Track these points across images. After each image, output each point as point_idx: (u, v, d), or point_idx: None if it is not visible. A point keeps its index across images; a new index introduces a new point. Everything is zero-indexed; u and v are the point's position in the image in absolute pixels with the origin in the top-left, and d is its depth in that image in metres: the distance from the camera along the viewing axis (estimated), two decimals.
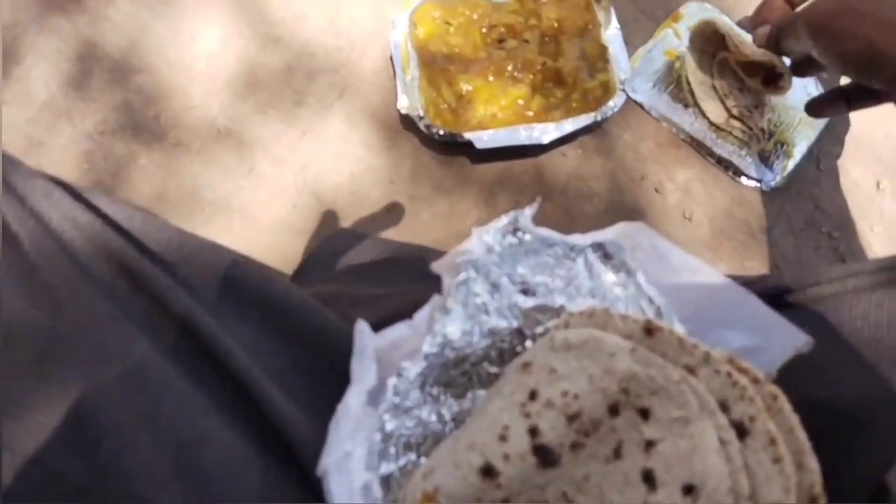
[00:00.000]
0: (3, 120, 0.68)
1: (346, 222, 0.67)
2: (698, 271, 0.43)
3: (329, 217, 0.67)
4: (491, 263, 0.42)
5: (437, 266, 0.43)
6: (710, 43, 0.69)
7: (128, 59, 0.71)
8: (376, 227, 0.67)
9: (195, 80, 0.71)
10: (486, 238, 0.41)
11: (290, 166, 0.69)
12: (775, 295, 0.44)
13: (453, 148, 0.68)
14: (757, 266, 0.67)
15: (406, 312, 0.42)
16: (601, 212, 0.69)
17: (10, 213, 0.36)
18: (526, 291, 0.43)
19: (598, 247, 0.43)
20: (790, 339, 0.38)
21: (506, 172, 0.70)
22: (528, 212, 0.41)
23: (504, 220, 0.42)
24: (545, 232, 0.42)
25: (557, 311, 0.42)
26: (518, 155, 0.69)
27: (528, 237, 0.42)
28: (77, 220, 0.37)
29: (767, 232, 0.68)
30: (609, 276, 0.44)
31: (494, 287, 0.42)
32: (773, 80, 0.67)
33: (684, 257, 0.43)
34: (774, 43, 0.54)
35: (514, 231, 0.42)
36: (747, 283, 0.52)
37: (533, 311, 0.42)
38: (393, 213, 0.68)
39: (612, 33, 0.69)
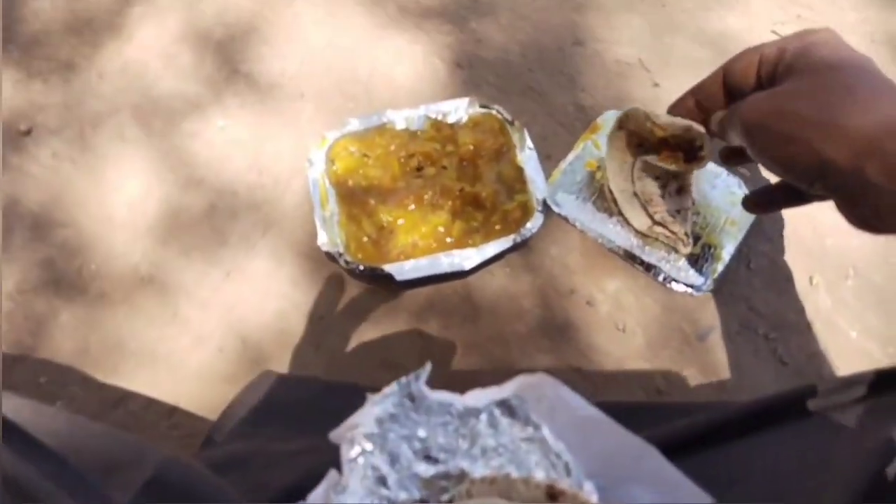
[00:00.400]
0: None
1: (273, 364, 0.66)
2: (602, 423, 0.41)
3: (255, 360, 0.66)
4: (387, 430, 0.40)
5: (334, 436, 0.41)
6: (629, 143, 0.69)
7: (50, 213, 0.71)
8: (306, 366, 0.66)
9: (117, 230, 0.70)
10: (376, 410, 0.40)
11: (214, 309, 0.68)
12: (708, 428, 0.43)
13: (377, 279, 0.67)
14: (696, 374, 0.66)
15: (320, 472, 0.40)
16: (533, 328, 0.68)
17: None
18: (428, 457, 0.41)
19: (501, 402, 0.42)
20: (696, 499, 0.36)
21: (435, 296, 0.69)
22: (423, 376, 0.40)
23: (394, 386, 0.40)
24: (441, 396, 0.41)
25: (460, 478, 0.40)
26: (445, 278, 0.68)
27: (423, 402, 0.41)
28: None
29: (702, 339, 0.67)
30: (515, 431, 0.42)
31: (393, 457, 0.40)
32: (693, 154, 0.66)
33: (588, 409, 0.42)
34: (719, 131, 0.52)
35: (409, 396, 0.41)
36: (688, 410, 0.51)
37: (435, 478, 0.40)
38: (322, 349, 0.67)
39: (527, 154, 0.70)
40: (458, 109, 0.73)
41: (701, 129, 0.57)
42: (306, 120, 0.76)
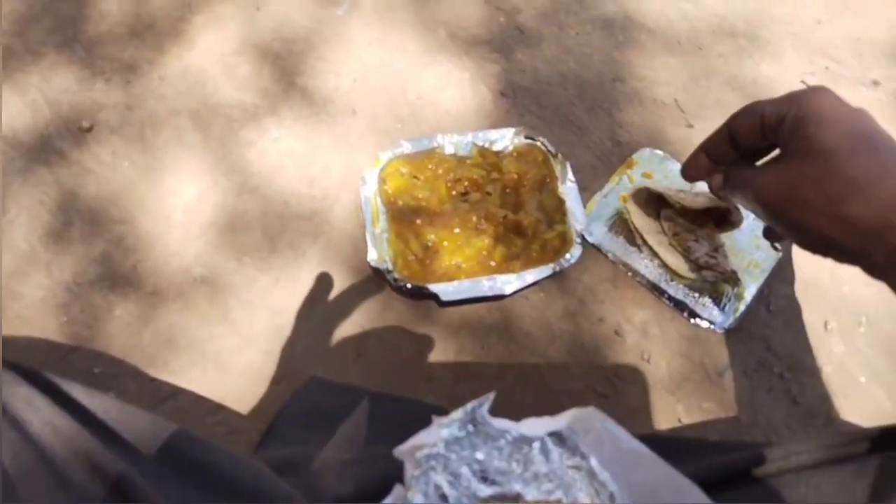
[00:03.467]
0: None
1: (317, 369, 0.69)
2: (646, 457, 0.45)
3: (300, 364, 0.69)
4: (451, 451, 0.44)
5: (399, 452, 0.45)
6: (650, 204, 0.74)
7: (108, 209, 0.74)
8: (347, 372, 0.69)
9: (173, 230, 0.74)
10: (443, 433, 0.43)
11: (262, 312, 0.71)
12: (743, 467, 0.46)
13: (420, 296, 0.71)
14: (714, 407, 0.70)
15: (370, 485, 0.44)
16: (563, 353, 0.72)
17: None
18: (485, 479, 0.45)
19: (553, 432, 0.46)
20: None
21: (471, 315, 0.73)
22: (486, 405, 0.44)
23: (461, 413, 0.44)
24: (500, 423, 0.44)
25: (515, 499, 0.44)
26: (483, 298, 0.72)
27: (484, 428, 0.44)
28: (56, 426, 0.39)
29: (722, 374, 0.71)
30: (565, 460, 0.46)
31: (454, 477, 0.44)
32: (723, 219, 0.71)
33: (633, 442, 0.46)
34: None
35: (472, 421, 0.44)
36: (723, 449, 0.55)
37: (492, 499, 0.44)
38: (363, 357, 0.70)
39: (568, 187, 0.73)
40: (505, 138, 0.77)
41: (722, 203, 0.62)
42: (356, 137, 0.79)
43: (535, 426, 0.46)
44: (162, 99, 0.79)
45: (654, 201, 0.73)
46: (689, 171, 0.57)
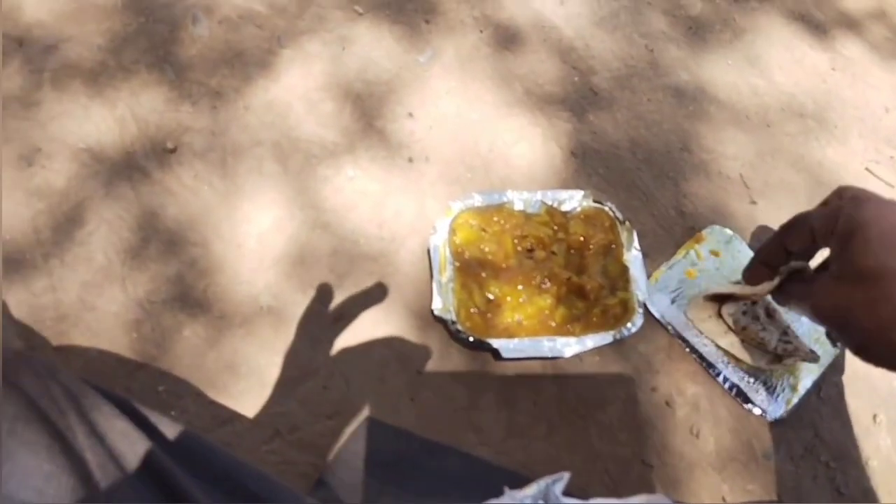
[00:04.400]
0: (58, 280, 0.73)
1: (370, 407, 0.71)
2: None
3: (355, 401, 0.71)
4: None
5: None
6: (709, 305, 0.75)
7: (185, 231, 0.76)
8: (399, 414, 0.71)
9: (245, 257, 0.76)
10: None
11: (323, 347, 0.73)
12: None
13: (483, 349, 0.72)
14: (758, 490, 0.71)
15: None
16: (613, 419, 0.72)
17: (92, 460, 0.40)
18: None
19: None
20: None
21: (525, 371, 0.74)
22: (560, 484, 0.45)
23: (534, 489, 0.45)
24: (572, 502, 0.46)
25: None
26: (541, 358, 0.73)
27: None
28: (151, 464, 0.41)
29: (768, 457, 0.72)
30: None
31: None
32: None
33: None
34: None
35: (545, 498, 0.46)
36: None
37: None
38: (416, 401, 0.72)
39: (633, 255, 0.75)
40: (573, 199, 0.78)
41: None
42: (428, 183, 0.82)
43: None
44: (246, 128, 0.82)
45: (712, 299, 0.74)
46: (751, 280, 0.60)
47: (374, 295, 0.76)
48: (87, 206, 0.76)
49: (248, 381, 0.71)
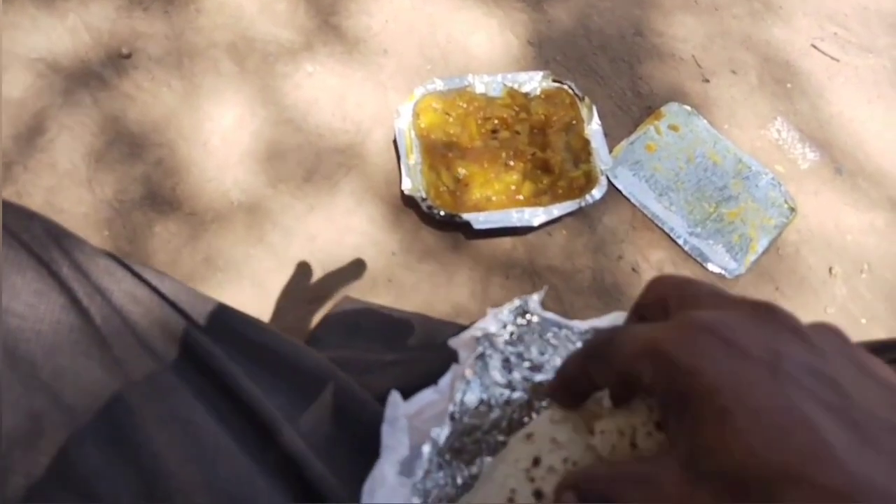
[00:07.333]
0: (23, 186, 0.72)
1: (350, 291, 0.72)
2: None
3: (333, 286, 0.72)
4: (503, 342, 0.47)
5: (454, 342, 0.48)
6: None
7: (147, 133, 0.76)
8: (378, 296, 0.72)
9: (210, 156, 0.76)
10: (500, 317, 0.47)
11: (297, 237, 0.74)
12: None
13: (450, 225, 0.74)
14: None
15: (413, 381, 0.47)
16: (584, 287, 0.75)
17: (79, 289, 0.40)
18: (534, 369, 0.48)
19: (599, 329, 0.49)
20: None
21: (497, 248, 0.76)
22: (537, 297, 0.47)
23: (516, 302, 0.47)
24: (551, 316, 0.48)
25: None
26: (508, 233, 0.75)
27: (535, 319, 0.48)
28: (136, 296, 0.42)
29: None
30: None
31: (507, 363, 0.47)
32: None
33: None
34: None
35: (524, 313, 0.48)
36: None
37: (539, 385, 0.48)
38: (394, 283, 0.73)
39: (594, 128, 0.77)
40: (533, 81, 0.80)
41: None
42: (387, 75, 0.82)
43: (583, 324, 0.49)
44: (200, 31, 0.81)
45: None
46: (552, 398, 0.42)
47: (343, 185, 0.76)
48: (46, 115, 0.75)
49: (225, 273, 0.72)
